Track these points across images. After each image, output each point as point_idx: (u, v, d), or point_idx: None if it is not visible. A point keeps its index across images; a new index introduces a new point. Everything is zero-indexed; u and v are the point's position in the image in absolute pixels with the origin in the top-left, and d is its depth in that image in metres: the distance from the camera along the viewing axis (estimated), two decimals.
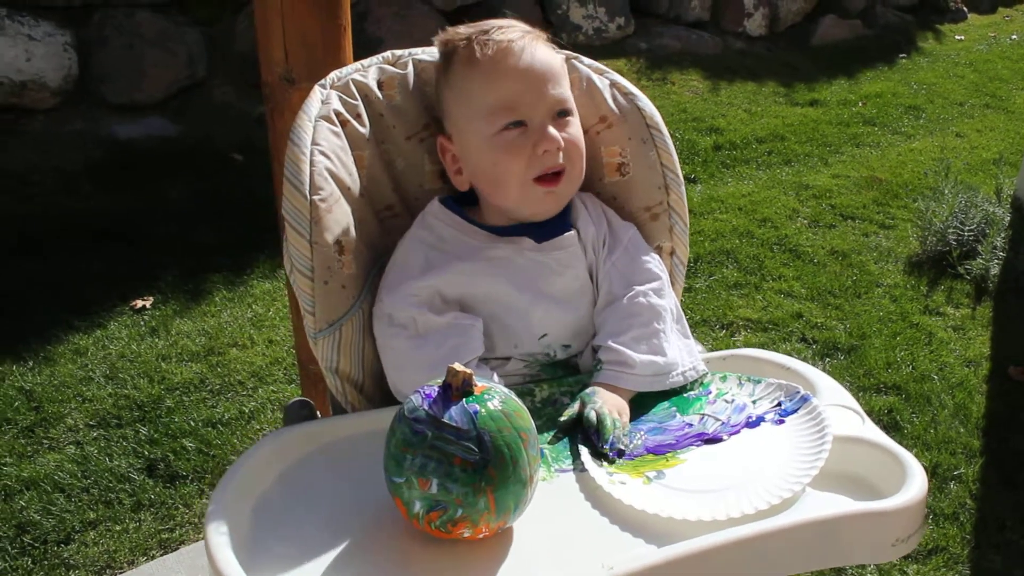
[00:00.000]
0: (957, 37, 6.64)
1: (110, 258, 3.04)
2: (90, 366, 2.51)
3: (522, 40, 1.12)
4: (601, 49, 5.10)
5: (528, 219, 1.18)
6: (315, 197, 1.05)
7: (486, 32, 1.12)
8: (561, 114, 1.14)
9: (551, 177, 1.13)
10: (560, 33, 5.02)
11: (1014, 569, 1.96)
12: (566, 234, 1.17)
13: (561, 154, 1.13)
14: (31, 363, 2.50)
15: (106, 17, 3.85)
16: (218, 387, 2.45)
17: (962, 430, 2.35)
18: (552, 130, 1.12)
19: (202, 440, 2.22)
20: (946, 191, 3.41)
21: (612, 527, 0.86)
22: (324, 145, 1.09)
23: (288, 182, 1.05)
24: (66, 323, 2.69)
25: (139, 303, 2.82)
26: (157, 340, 2.65)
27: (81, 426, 2.27)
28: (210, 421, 2.30)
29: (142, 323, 2.73)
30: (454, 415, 0.81)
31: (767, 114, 4.81)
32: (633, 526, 0.86)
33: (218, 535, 0.77)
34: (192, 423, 2.29)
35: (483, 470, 0.80)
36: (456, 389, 0.83)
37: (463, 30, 1.15)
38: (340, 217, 1.08)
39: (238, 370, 2.52)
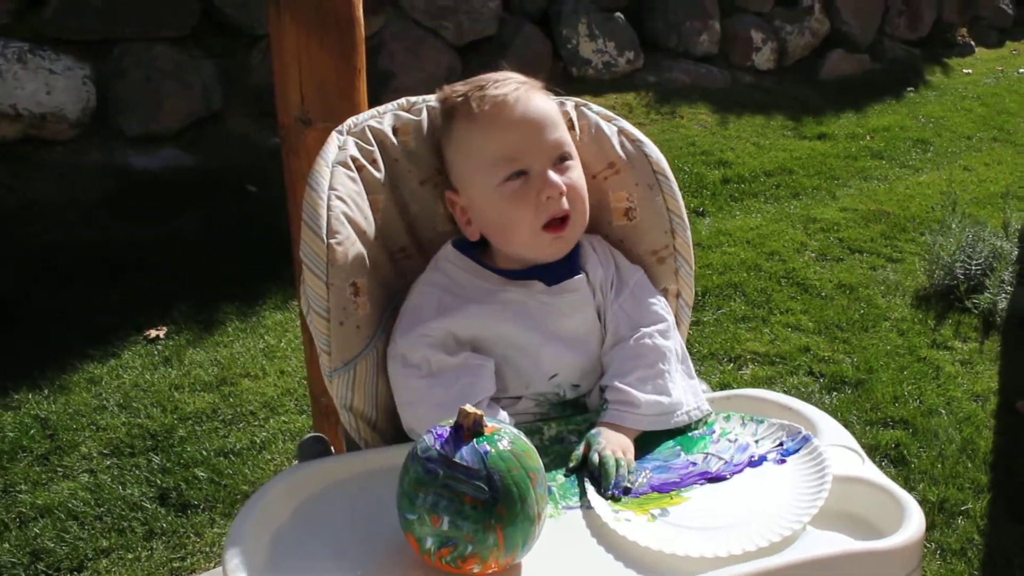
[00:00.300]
0: (964, 71, 6.69)
1: (125, 288, 3.09)
2: (104, 395, 2.54)
3: (517, 91, 1.16)
4: (611, 83, 5.16)
5: (538, 262, 1.21)
6: (332, 240, 1.09)
7: (482, 87, 1.16)
8: (561, 159, 1.18)
9: (558, 223, 1.17)
10: (570, 67, 5.09)
11: None
12: (575, 277, 1.21)
13: (564, 199, 1.16)
14: (47, 391, 2.54)
15: (125, 51, 3.94)
16: (230, 417, 2.48)
17: (970, 465, 2.35)
18: (554, 176, 1.15)
19: (214, 470, 2.25)
20: (953, 225, 3.43)
21: (617, 563, 0.88)
22: (341, 190, 1.13)
23: (306, 225, 1.09)
24: (81, 352, 2.73)
25: (153, 333, 2.86)
26: (170, 370, 2.69)
27: (95, 454, 2.30)
28: (222, 451, 2.33)
29: (156, 353, 2.77)
30: (465, 455, 0.84)
31: (775, 147, 4.85)
32: (638, 563, 0.88)
33: (236, 568, 0.79)
34: (204, 453, 2.31)
35: (493, 508, 0.82)
36: (467, 430, 0.86)
37: (460, 87, 1.19)
38: (356, 259, 1.12)
39: (250, 400, 2.55)
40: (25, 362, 2.65)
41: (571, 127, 1.28)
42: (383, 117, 1.24)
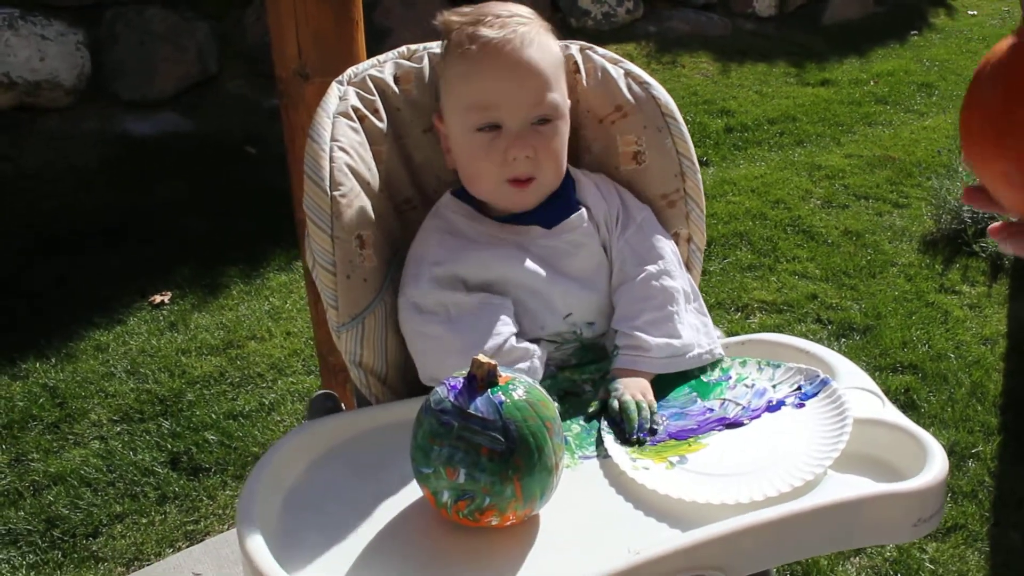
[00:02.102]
0: (970, 12, 6.57)
1: (127, 254, 3.07)
2: (111, 362, 2.54)
3: (513, 36, 1.09)
4: (610, 33, 5.08)
5: (509, 211, 1.18)
6: (335, 193, 1.07)
7: (478, 23, 1.10)
8: (541, 121, 1.12)
9: (522, 182, 1.14)
10: (569, 18, 5.01)
11: None
12: (574, 215, 1.18)
13: (531, 162, 1.12)
14: (53, 360, 2.53)
15: (117, 15, 3.87)
16: (238, 380, 2.48)
17: (979, 408, 2.35)
18: (525, 137, 1.11)
19: (224, 432, 2.25)
20: (960, 168, 3.39)
21: (636, 512, 0.87)
22: (343, 141, 1.10)
23: (309, 178, 1.07)
24: (86, 320, 2.72)
25: (157, 298, 2.85)
26: (176, 335, 2.68)
27: (105, 421, 2.30)
28: (231, 414, 2.33)
29: (161, 318, 2.76)
30: (480, 406, 0.83)
31: (778, 95, 4.79)
32: (657, 511, 0.87)
33: (250, 526, 0.78)
34: (213, 416, 2.31)
35: (510, 459, 0.81)
36: (481, 380, 0.84)
37: (458, 17, 1.13)
38: (360, 212, 1.09)
39: (257, 362, 2.55)
40: (30, 331, 2.64)
41: (576, 70, 1.25)
42: (384, 66, 1.21)
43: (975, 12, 6.58)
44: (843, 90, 4.93)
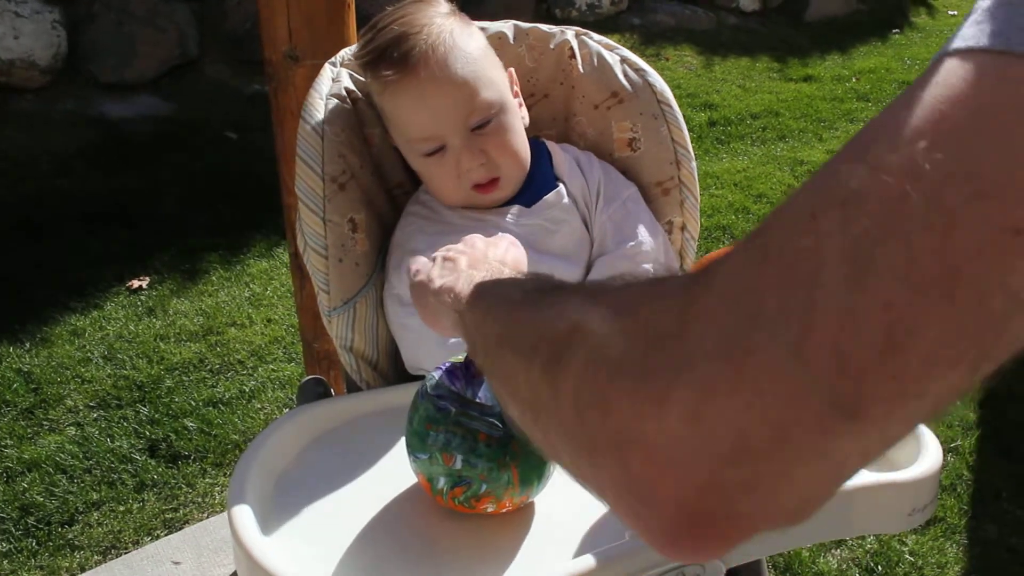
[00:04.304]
0: (950, 12, 6.62)
1: (105, 238, 3.02)
2: (88, 347, 2.50)
3: (421, 58, 1.03)
4: (594, 25, 5.07)
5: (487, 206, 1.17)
6: (328, 175, 1.05)
7: (382, 56, 1.04)
8: (479, 126, 1.09)
9: (487, 185, 1.12)
10: (553, 9, 4.99)
11: (1010, 538, 1.98)
12: (552, 192, 1.16)
13: (485, 168, 1.10)
14: (28, 345, 2.49)
15: None
16: (217, 367, 2.45)
17: (959, 402, 2.37)
18: (471, 147, 1.08)
19: (203, 420, 2.22)
20: None
21: None
22: (336, 123, 1.08)
23: (301, 160, 1.05)
24: (62, 304, 2.67)
25: (135, 283, 2.81)
26: (155, 320, 2.64)
27: (81, 407, 2.27)
28: (211, 401, 2.30)
29: (139, 303, 2.72)
30: (478, 391, 0.82)
31: (761, 90, 4.80)
32: None
33: (241, 513, 0.77)
34: (192, 403, 2.28)
35: (507, 445, 0.80)
36: (478, 366, 0.83)
37: (361, 52, 1.08)
38: (353, 195, 1.08)
39: (237, 349, 2.52)
40: (4, 316, 2.59)
41: (572, 56, 1.23)
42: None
43: (955, 12, 6.63)
44: (825, 86, 4.95)
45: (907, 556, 1.92)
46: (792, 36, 5.69)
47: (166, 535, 1.92)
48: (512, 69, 1.17)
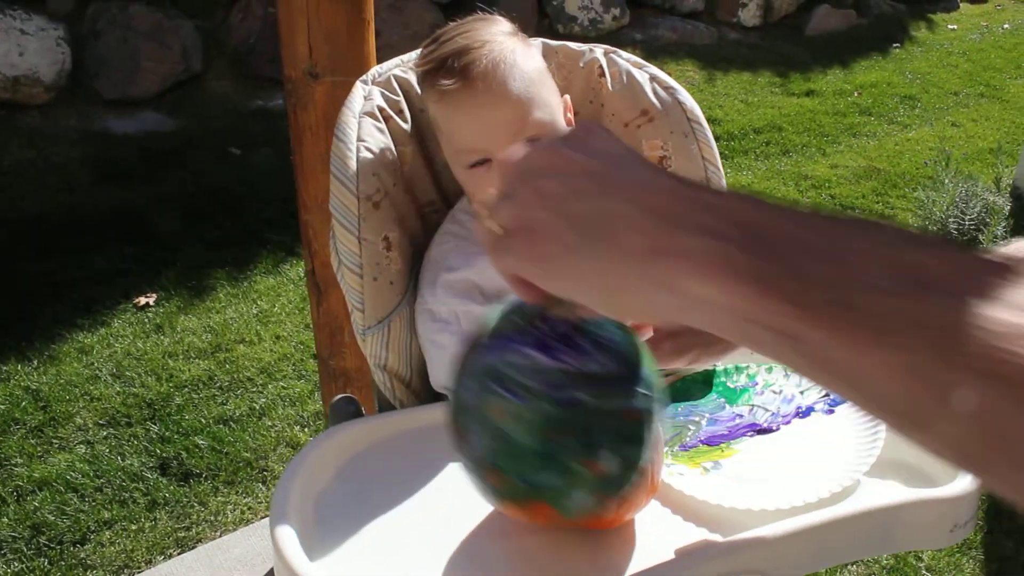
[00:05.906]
0: (950, 27, 6.66)
1: (111, 255, 3.01)
2: (96, 364, 2.48)
3: (480, 74, 1.03)
4: (596, 40, 5.04)
5: None
6: (363, 194, 1.04)
7: (442, 67, 1.05)
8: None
9: None
10: (556, 24, 5.01)
11: None
12: None
13: None
14: (36, 362, 2.47)
15: (99, 11, 3.81)
16: (227, 384, 2.43)
17: None
18: None
19: (214, 437, 2.21)
20: (946, 180, 3.42)
21: (675, 517, 0.85)
22: (369, 141, 1.08)
23: (335, 179, 1.04)
24: (69, 321, 2.66)
25: (142, 300, 2.80)
26: (163, 337, 2.63)
27: (90, 425, 2.25)
28: (221, 418, 2.28)
29: (146, 320, 2.70)
30: (598, 358, 0.59)
31: (764, 104, 4.82)
32: (696, 516, 0.85)
33: (283, 532, 0.75)
34: (203, 420, 2.27)
35: (654, 412, 0.62)
36: (575, 326, 0.59)
37: (423, 61, 1.09)
38: (387, 213, 1.07)
39: (246, 366, 2.51)
40: (11, 333, 2.58)
41: (601, 74, 1.23)
42: (408, 66, 1.19)
43: (955, 27, 6.67)
44: (827, 101, 4.96)
45: (924, 572, 1.90)
46: (793, 51, 5.71)
47: (179, 554, 1.90)
48: (568, 96, 1.16)
